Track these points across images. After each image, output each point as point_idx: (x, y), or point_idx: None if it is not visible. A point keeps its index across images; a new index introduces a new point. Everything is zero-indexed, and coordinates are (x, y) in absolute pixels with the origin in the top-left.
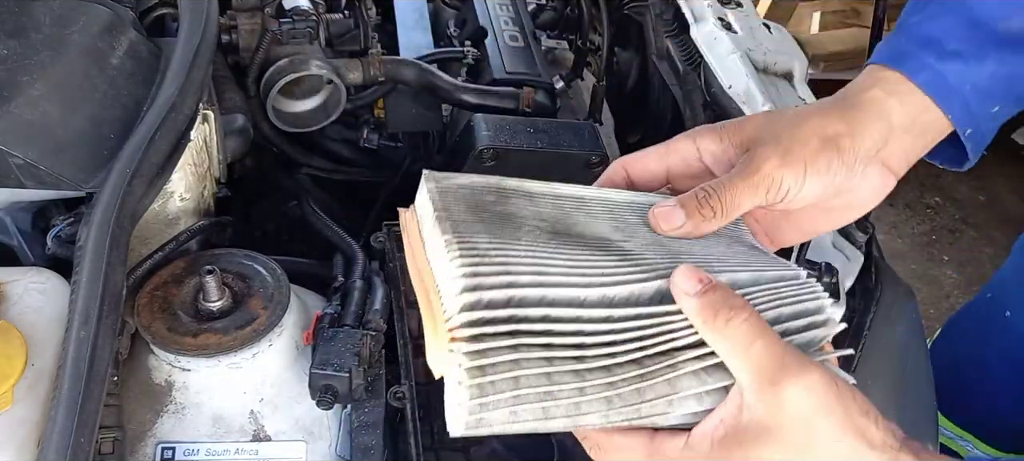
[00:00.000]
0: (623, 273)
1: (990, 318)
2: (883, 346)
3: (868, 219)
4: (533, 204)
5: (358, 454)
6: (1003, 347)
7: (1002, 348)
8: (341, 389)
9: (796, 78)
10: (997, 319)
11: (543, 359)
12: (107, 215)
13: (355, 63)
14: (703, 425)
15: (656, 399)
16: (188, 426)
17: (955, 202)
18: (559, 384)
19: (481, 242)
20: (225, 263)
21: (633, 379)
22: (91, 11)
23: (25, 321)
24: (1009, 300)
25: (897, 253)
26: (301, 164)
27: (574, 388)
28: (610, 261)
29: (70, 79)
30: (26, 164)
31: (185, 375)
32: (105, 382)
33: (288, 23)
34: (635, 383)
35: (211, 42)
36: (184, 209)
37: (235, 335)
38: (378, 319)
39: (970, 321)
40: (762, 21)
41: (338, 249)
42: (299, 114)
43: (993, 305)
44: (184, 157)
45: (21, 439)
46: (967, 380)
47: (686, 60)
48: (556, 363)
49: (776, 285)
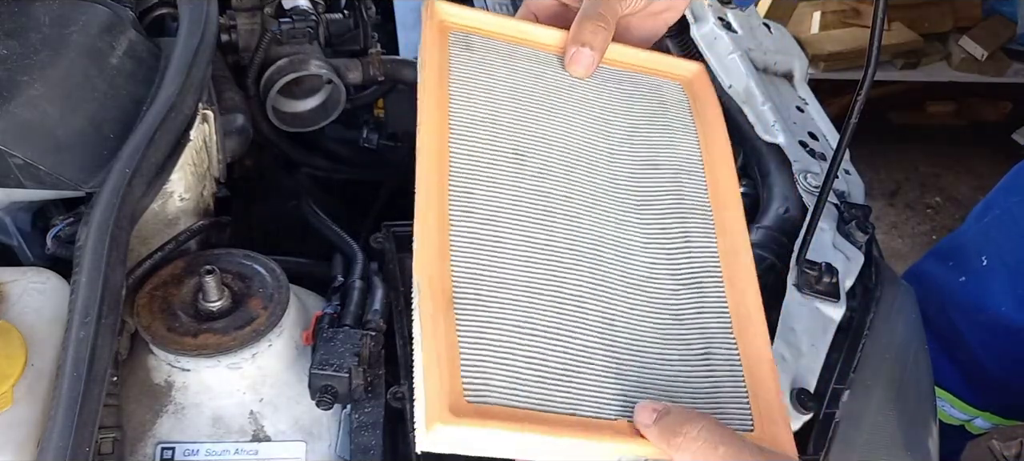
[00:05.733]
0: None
1: (951, 281)
2: (883, 346)
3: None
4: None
5: (358, 454)
6: (967, 306)
7: (966, 307)
8: (341, 389)
9: (796, 78)
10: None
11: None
12: (107, 215)
13: (355, 63)
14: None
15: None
16: (188, 426)
17: (955, 202)
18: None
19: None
20: (225, 263)
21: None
22: (91, 11)
23: (25, 321)
24: (970, 259)
25: (897, 253)
26: (301, 164)
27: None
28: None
29: (69, 79)
30: (26, 164)
31: (185, 375)
32: (105, 382)
33: (288, 23)
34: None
35: (211, 42)
36: (184, 209)
37: (235, 335)
38: (378, 319)
39: (931, 285)
40: (762, 21)
41: (338, 249)
42: (299, 114)
43: (954, 269)
44: (184, 157)
45: (21, 439)
46: (936, 339)
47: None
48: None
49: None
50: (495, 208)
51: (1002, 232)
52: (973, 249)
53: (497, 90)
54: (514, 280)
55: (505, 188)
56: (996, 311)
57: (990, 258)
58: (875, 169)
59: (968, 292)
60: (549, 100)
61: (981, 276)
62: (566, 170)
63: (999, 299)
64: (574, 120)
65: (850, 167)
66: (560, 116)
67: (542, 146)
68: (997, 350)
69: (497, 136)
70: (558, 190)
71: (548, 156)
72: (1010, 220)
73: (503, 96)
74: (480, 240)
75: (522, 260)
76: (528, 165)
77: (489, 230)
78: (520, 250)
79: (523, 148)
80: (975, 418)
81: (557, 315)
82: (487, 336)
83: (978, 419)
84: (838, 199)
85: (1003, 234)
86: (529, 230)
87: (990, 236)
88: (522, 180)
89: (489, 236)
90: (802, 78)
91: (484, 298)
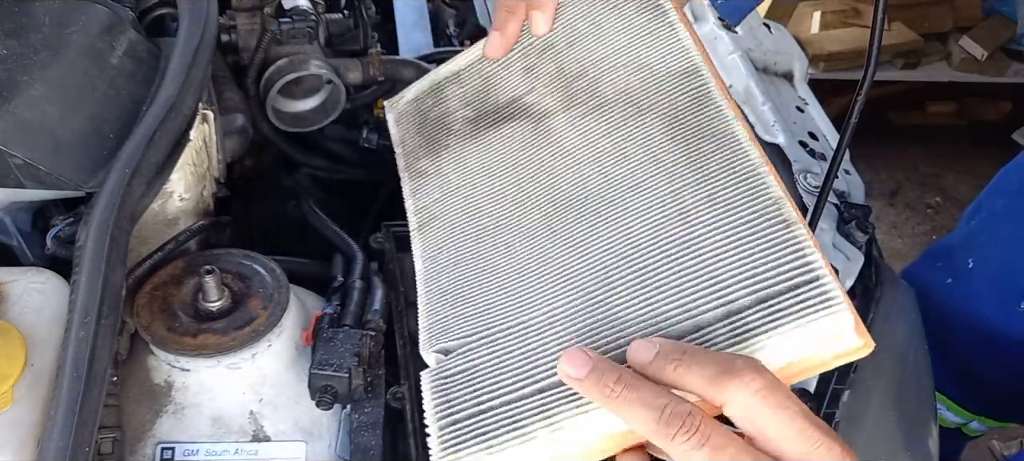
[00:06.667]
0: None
1: (940, 282)
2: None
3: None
4: (460, 85)
5: (358, 454)
6: (955, 309)
7: (954, 310)
8: (340, 389)
9: (796, 78)
10: (952, 279)
11: (505, 406)
12: (106, 215)
13: (355, 63)
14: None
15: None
16: (187, 426)
17: (955, 202)
18: (520, 407)
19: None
20: (224, 263)
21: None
22: (91, 11)
23: (25, 321)
24: (958, 262)
25: (897, 253)
26: (301, 164)
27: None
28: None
29: (70, 79)
30: (26, 164)
31: (184, 375)
32: (104, 382)
33: (287, 23)
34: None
35: (211, 42)
36: (183, 209)
37: (234, 335)
38: (377, 319)
39: (922, 287)
40: (762, 21)
41: (338, 249)
42: (299, 114)
43: (942, 271)
44: (183, 157)
45: (20, 439)
46: (929, 342)
47: None
48: (516, 401)
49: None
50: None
51: (987, 235)
52: (961, 251)
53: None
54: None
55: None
56: (981, 314)
57: (976, 261)
58: (875, 169)
59: (955, 294)
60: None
61: (967, 279)
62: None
63: (984, 302)
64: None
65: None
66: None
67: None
68: (985, 353)
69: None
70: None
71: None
72: (995, 223)
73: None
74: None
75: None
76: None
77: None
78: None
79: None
80: (971, 421)
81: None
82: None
83: (974, 422)
84: (838, 199)
85: (988, 237)
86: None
87: (977, 238)
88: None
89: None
90: (802, 78)
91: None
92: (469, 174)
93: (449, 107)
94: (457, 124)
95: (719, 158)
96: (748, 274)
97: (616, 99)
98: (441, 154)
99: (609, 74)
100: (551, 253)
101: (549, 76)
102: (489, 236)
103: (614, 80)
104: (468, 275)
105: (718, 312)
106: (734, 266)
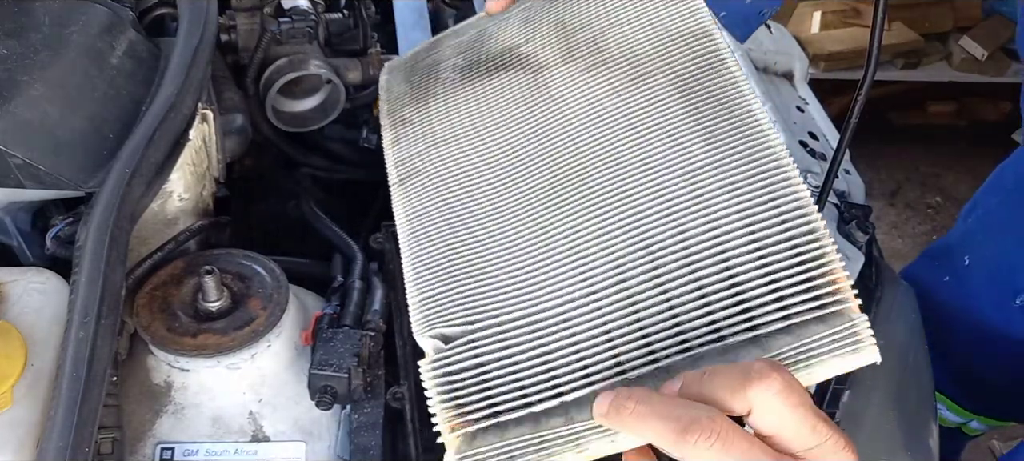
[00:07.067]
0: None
1: (937, 281)
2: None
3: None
4: (456, 36)
5: (357, 454)
6: (952, 307)
7: (951, 308)
8: (340, 390)
9: (796, 78)
10: (950, 277)
11: (529, 423)
12: (106, 215)
13: (354, 63)
14: None
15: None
16: (187, 426)
17: (955, 202)
18: (545, 422)
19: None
20: (224, 263)
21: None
22: (90, 11)
23: (25, 321)
24: (955, 260)
25: (897, 253)
26: (300, 164)
27: (560, 420)
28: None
29: (69, 79)
30: (25, 164)
31: (184, 375)
32: (104, 382)
33: (287, 23)
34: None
35: (210, 42)
36: (183, 209)
37: (234, 335)
38: (377, 319)
39: (920, 286)
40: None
41: (337, 249)
42: (298, 114)
43: (939, 269)
44: (183, 157)
45: (20, 439)
46: (930, 343)
47: None
48: (539, 414)
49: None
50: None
51: (984, 232)
52: (958, 250)
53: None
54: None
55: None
56: (978, 312)
57: (972, 258)
58: (875, 169)
59: (952, 293)
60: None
61: (964, 277)
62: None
63: (980, 300)
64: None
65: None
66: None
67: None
68: (982, 352)
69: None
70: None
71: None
72: (991, 220)
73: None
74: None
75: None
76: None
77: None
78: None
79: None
80: (971, 421)
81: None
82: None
83: (974, 421)
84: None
85: (984, 234)
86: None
87: (973, 236)
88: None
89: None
90: (802, 78)
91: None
92: (456, 126)
93: (442, 56)
94: (446, 72)
95: (735, 135)
96: (767, 273)
97: (621, 56)
98: (428, 102)
99: (614, 30)
100: (555, 227)
101: (549, 26)
102: (481, 201)
103: (619, 36)
104: (460, 246)
105: (734, 309)
106: (752, 265)
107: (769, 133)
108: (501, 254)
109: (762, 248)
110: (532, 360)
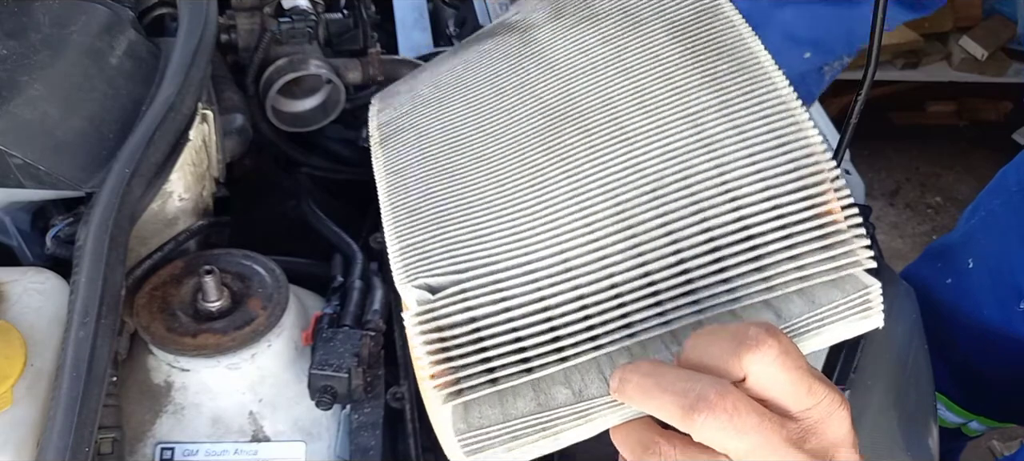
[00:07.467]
0: (582, 243)
1: (939, 282)
2: (883, 346)
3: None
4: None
5: (357, 454)
6: (954, 308)
7: (953, 309)
8: (340, 390)
9: None
10: (951, 278)
11: (526, 384)
12: (106, 215)
13: (354, 62)
14: None
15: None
16: (187, 426)
17: (955, 202)
18: (550, 396)
19: (421, 240)
20: (224, 263)
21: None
22: (90, 11)
23: (24, 321)
24: (957, 261)
25: (897, 253)
26: (300, 164)
27: (567, 394)
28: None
29: (69, 79)
30: (25, 164)
31: (184, 375)
32: (104, 382)
33: (287, 23)
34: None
35: (210, 42)
36: (183, 209)
37: (234, 335)
38: (377, 319)
39: (921, 286)
40: None
41: (337, 249)
42: (298, 114)
43: (941, 271)
44: (183, 157)
45: (20, 439)
46: (930, 343)
47: None
48: (542, 383)
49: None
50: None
51: (986, 234)
52: (960, 251)
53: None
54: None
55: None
56: (980, 314)
57: (975, 260)
58: (875, 169)
59: (954, 294)
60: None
61: (966, 278)
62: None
63: (983, 302)
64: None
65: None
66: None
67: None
68: (983, 353)
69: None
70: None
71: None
72: (993, 222)
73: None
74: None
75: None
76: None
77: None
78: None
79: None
80: (971, 421)
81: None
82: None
83: (974, 422)
84: None
85: (987, 236)
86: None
87: (976, 238)
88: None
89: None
90: None
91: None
92: (442, 87)
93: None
94: (435, 63)
95: (737, 77)
96: (782, 225)
97: (612, 8)
98: (417, 76)
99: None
100: (552, 168)
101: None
102: (469, 149)
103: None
104: (447, 192)
105: (748, 263)
106: (765, 214)
107: (774, 74)
108: (493, 197)
109: (775, 197)
110: (531, 314)
